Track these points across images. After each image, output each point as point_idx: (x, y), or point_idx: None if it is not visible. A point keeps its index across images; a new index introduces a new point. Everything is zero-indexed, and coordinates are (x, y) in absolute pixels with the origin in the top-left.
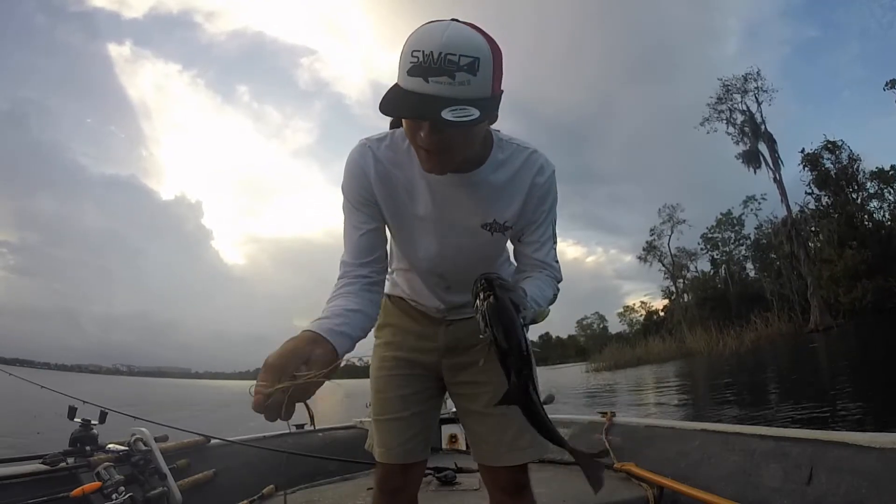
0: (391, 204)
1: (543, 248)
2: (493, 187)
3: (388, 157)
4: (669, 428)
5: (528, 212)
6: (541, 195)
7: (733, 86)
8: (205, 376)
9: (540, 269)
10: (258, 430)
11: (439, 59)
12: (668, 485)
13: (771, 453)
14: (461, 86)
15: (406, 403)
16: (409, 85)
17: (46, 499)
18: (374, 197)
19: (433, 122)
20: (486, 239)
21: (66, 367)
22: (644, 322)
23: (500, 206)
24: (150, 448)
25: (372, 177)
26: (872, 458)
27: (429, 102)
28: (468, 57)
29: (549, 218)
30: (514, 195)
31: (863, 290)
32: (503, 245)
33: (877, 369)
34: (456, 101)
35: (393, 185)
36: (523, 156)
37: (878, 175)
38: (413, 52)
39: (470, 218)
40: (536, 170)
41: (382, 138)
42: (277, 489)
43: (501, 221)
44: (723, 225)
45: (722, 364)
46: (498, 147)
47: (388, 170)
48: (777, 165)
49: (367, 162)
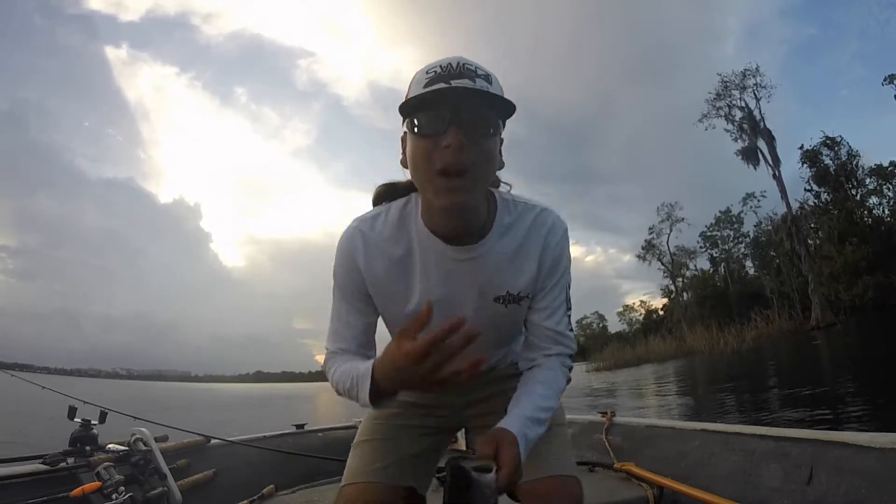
0: (384, 297)
1: (555, 314)
2: (503, 256)
3: (383, 235)
4: (669, 428)
5: (541, 277)
6: (554, 258)
7: (732, 82)
8: (204, 379)
9: (552, 340)
10: (258, 430)
11: (458, 66)
12: (668, 485)
13: (771, 453)
14: (482, 88)
15: (410, 436)
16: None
17: (46, 499)
18: (366, 289)
19: (458, 111)
20: (501, 313)
21: (65, 371)
22: (643, 321)
23: (511, 275)
24: (150, 448)
25: (362, 266)
26: (872, 458)
27: (455, 94)
28: (483, 71)
29: (563, 282)
30: (526, 261)
31: (863, 286)
32: (521, 318)
33: (878, 367)
34: (481, 93)
35: (387, 271)
36: (531, 216)
37: (877, 171)
38: (429, 70)
39: (479, 294)
40: (547, 231)
41: (376, 216)
42: (277, 489)
43: (515, 292)
44: (722, 223)
45: (723, 363)
46: (504, 209)
47: (382, 253)
48: (776, 162)
49: (357, 249)
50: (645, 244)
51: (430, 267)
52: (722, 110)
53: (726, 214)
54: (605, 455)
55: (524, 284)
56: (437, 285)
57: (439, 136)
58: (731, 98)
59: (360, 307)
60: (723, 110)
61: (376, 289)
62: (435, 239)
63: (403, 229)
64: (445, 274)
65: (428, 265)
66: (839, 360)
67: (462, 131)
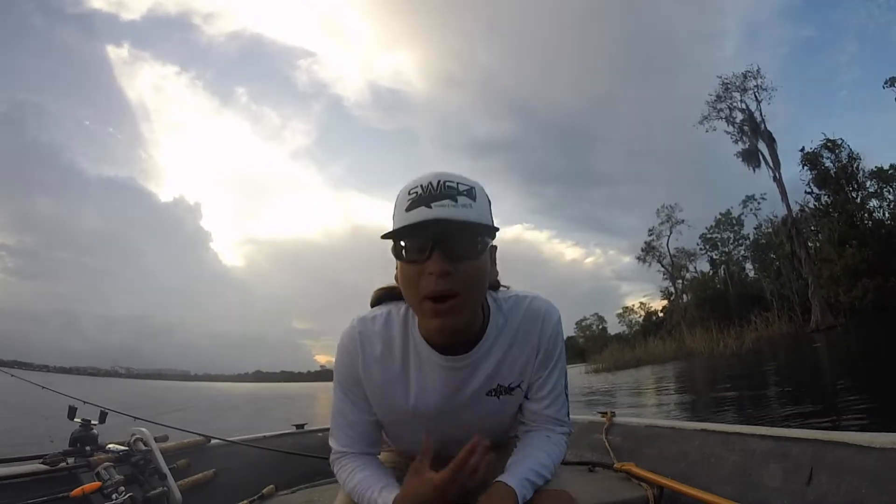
0: (381, 399)
1: (554, 404)
2: (497, 356)
3: (382, 337)
4: (669, 428)
5: (536, 366)
6: (548, 349)
7: (732, 84)
8: (203, 378)
9: (552, 424)
10: (258, 430)
11: (439, 186)
12: (668, 485)
13: (771, 453)
14: (464, 208)
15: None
16: (410, 218)
17: (46, 499)
18: (364, 391)
19: (439, 239)
20: (494, 405)
21: (64, 370)
22: (643, 323)
23: (505, 368)
24: (150, 448)
25: (360, 368)
26: (872, 458)
27: (435, 223)
28: (465, 185)
29: (558, 369)
30: (521, 353)
31: (863, 289)
32: (515, 406)
33: (879, 368)
34: (461, 222)
35: (384, 374)
36: (523, 307)
37: (878, 174)
38: (410, 191)
39: (472, 391)
40: (541, 321)
41: (375, 318)
42: (277, 489)
43: (506, 384)
44: (722, 225)
45: (723, 364)
46: (497, 312)
47: (380, 355)
48: (777, 164)
49: (356, 351)
50: (645, 246)
51: (427, 373)
52: (722, 112)
53: (726, 217)
54: (605, 455)
55: (516, 375)
56: (433, 389)
57: (423, 262)
58: (731, 100)
59: (362, 405)
60: (723, 112)
61: (373, 389)
62: (431, 350)
63: (401, 335)
64: (441, 380)
65: (423, 371)
66: (842, 363)
67: (446, 257)
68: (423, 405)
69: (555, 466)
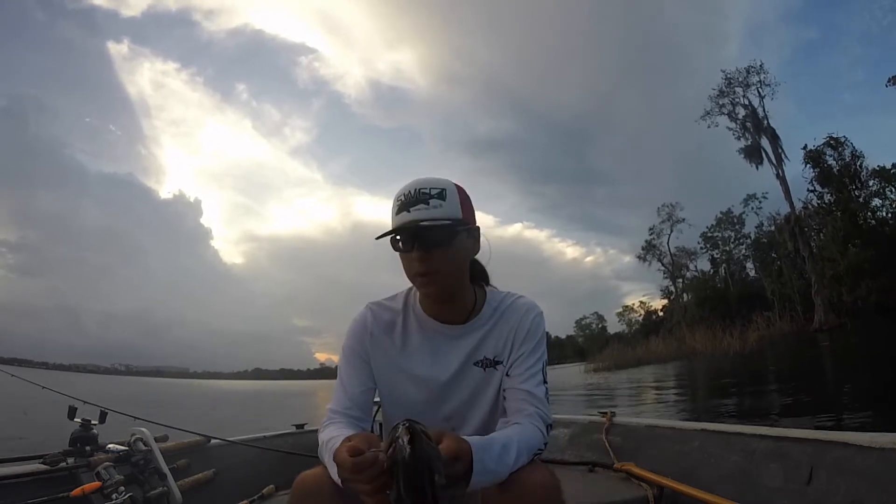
0: (384, 363)
1: (532, 379)
2: (485, 331)
3: (389, 312)
4: (669, 428)
5: (515, 346)
6: (529, 329)
7: (735, 79)
8: (203, 376)
9: (528, 402)
10: (258, 430)
11: (415, 193)
12: (668, 485)
13: (771, 453)
14: (435, 209)
15: None
16: (397, 222)
17: (46, 499)
18: (369, 356)
19: (416, 236)
20: (479, 378)
21: (64, 367)
22: (643, 322)
23: (489, 343)
24: (150, 448)
25: (369, 337)
26: (872, 458)
27: (412, 224)
28: (437, 188)
29: (537, 354)
30: (505, 329)
31: (866, 288)
32: (496, 385)
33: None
34: (432, 219)
35: (390, 340)
36: (511, 300)
37: (880, 173)
38: (397, 198)
39: (462, 360)
40: (523, 311)
41: (385, 298)
42: (277, 489)
43: (491, 356)
44: (723, 224)
45: (725, 364)
46: (492, 299)
47: (386, 326)
48: (780, 161)
49: (367, 322)
50: (645, 245)
51: (425, 341)
52: (725, 107)
53: (727, 215)
54: (605, 455)
55: (500, 349)
56: (430, 351)
57: (410, 252)
58: (734, 95)
59: (361, 372)
60: (726, 108)
61: (378, 354)
62: (431, 320)
63: (405, 308)
64: (436, 345)
65: (424, 340)
66: (848, 362)
67: (423, 248)
68: (419, 366)
69: (530, 452)
